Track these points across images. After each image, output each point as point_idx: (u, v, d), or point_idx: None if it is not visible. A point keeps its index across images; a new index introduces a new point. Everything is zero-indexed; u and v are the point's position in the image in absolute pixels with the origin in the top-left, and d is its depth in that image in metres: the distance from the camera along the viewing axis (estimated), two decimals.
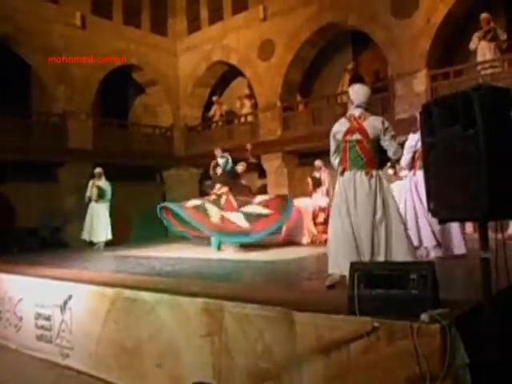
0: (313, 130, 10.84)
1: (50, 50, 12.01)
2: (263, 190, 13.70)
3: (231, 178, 8.58)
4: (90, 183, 10.38)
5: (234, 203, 7.99)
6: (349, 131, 3.99)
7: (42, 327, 5.36)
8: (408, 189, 5.61)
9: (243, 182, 9.14)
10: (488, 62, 9.42)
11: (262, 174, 13.55)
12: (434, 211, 2.55)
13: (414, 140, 5.53)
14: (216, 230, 7.51)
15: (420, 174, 5.50)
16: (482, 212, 2.26)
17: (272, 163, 12.89)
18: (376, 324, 2.89)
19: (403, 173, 6.48)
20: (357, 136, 3.96)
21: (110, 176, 10.55)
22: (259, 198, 8.28)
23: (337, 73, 12.89)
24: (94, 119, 13.00)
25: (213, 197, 8.25)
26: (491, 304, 2.52)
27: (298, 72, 12.87)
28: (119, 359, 4.41)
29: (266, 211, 7.79)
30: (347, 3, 11.29)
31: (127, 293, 4.37)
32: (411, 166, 5.66)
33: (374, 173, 3.95)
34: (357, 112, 4.06)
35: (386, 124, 4.03)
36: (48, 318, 5.26)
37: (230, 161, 8.75)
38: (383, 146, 4.03)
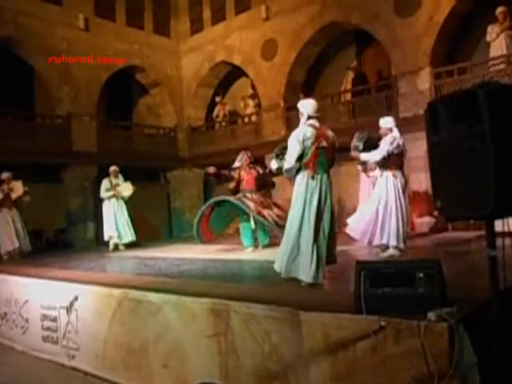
0: None
1: (53, 52, 12.04)
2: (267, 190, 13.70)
3: None
4: (106, 181, 9.84)
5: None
6: (317, 139, 4.31)
7: (48, 328, 5.38)
8: (391, 189, 5.86)
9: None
10: (501, 57, 9.31)
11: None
12: (440, 209, 2.54)
13: (389, 141, 5.83)
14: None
15: (399, 175, 5.93)
16: (488, 210, 2.25)
17: None
18: (383, 323, 2.88)
19: (374, 172, 6.81)
20: (324, 143, 4.36)
21: None
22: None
23: (340, 72, 12.86)
24: (97, 121, 13.03)
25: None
26: (499, 302, 2.51)
27: (302, 71, 12.84)
28: (126, 360, 4.42)
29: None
30: (350, 2, 11.26)
31: (133, 294, 4.38)
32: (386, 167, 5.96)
33: (330, 177, 4.46)
34: (316, 123, 4.44)
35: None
36: (54, 320, 5.28)
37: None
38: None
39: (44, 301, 5.47)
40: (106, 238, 9.78)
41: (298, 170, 4.38)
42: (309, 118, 4.45)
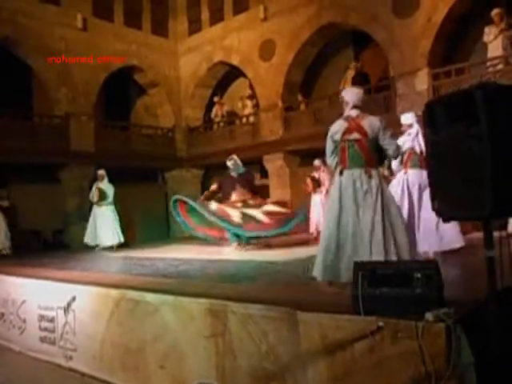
0: (314, 130, 10.81)
1: (51, 52, 12.03)
2: (265, 191, 13.71)
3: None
4: (94, 186, 10.30)
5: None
6: (347, 131, 4.04)
7: (46, 329, 5.36)
8: (401, 189, 5.66)
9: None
10: (498, 58, 9.37)
11: (264, 174, 13.55)
12: (438, 210, 2.54)
13: (401, 142, 5.61)
14: (276, 227, 7.59)
15: (411, 172, 5.64)
16: (486, 211, 2.25)
17: (274, 163, 12.89)
18: (380, 323, 2.88)
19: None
20: (355, 135, 4.01)
21: (112, 177, 10.55)
22: (266, 208, 8.10)
23: (338, 72, 12.86)
24: (95, 121, 13.02)
25: (238, 203, 8.08)
26: (496, 302, 2.51)
27: (299, 72, 12.86)
28: (123, 361, 4.41)
29: (284, 210, 7.96)
30: (347, 3, 11.28)
31: (131, 294, 4.37)
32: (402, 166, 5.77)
33: (374, 172, 4.01)
34: (354, 113, 4.12)
35: (384, 123, 4.09)
36: (51, 320, 5.27)
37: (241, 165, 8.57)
38: (382, 145, 4.08)
39: (41, 301, 5.46)
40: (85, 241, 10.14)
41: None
42: (354, 107, 4.13)
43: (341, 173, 4.06)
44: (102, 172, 10.38)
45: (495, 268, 2.46)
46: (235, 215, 7.58)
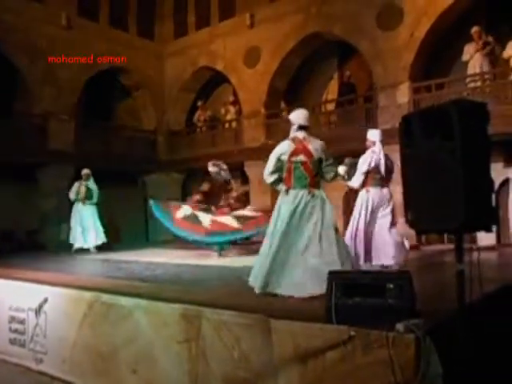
0: None
1: (34, 50, 11.87)
2: (246, 197, 13.71)
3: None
4: (77, 184, 10.19)
5: (226, 210, 8.04)
6: (294, 152, 4.26)
7: (16, 331, 5.26)
8: (363, 205, 5.76)
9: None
10: (477, 75, 9.63)
11: (245, 180, 13.56)
12: (411, 222, 2.58)
13: (366, 161, 5.73)
14: (208, 234, 7.53)
15: (373, 191, 5.76)
16: (457, 224, 2.29)
17: (255, 170, 12.88)
18: (352, 333, 2.90)
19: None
20: (302, 157, 4.23)
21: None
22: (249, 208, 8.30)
23: (322, 82, 12.99)
24: (76, 121, 12.86)
25: (204, 206, 8.12)
26: (465, 314, 2.56)
27: (284, 80, 12.93)
28: (94, 365, 4.36)
29: (255, 214, 7.98)
30: (333, 13, 11.40)
31: (105, 297, 4.32)
32: (363, 184, 5.84)
33: (317, 192, 4.25)
34: (300, 135, 4.33)
35: (326, 148, 4.37)
36: (22, 322, 5.17)
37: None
38: (323, 168, 4.34)
39: (13, 302, 5.35)
40: (71, 241, 10.01)
41: (280, 181, 4.39)
42: (300, 128, 4.35)
43: (286, 192, 4.26)
44: (87, 171, 10.27)
45: (465, 280, 2.51)
46: (229, 221, 7.67)
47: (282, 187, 4.35)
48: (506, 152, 9.85)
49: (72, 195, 10.12)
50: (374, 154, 5.77)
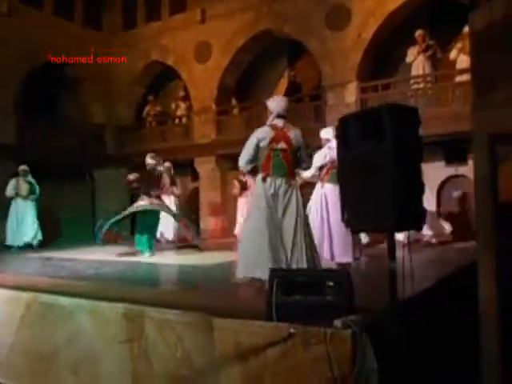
0: (246, 135, 10.72)
1: None
2: (196, 193, 13.63)
3: None
4: (14, 180, 9.83)
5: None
6: (274, 139, 4.13)
7: None
8: (317, 201, 5.85)
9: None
10: (420, 77, 10.00)
11: (195, 177, 13.47)
12: (347, 222, 2.66)
13: (322, 154, 5.81)
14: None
15: (328, 186, 5.82)
16: (389, 223, 2.38)
17: (205, 166, 12.84)
18: (292, 330, 2.95)
19: None
20: (282, 145, 4.13)
21: (36, 174, 10.08)
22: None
23: (273, 79, 13.07)
24: (18, 114, 12.32)
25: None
26: (397, 313, 2.66)
27: (234, 76, 12.92)
28: (32, 366, 4.23)
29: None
30: (284, 12, 11.49)
31: (44, 297, 4.20)
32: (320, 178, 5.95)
33: (293, 182, 4.19)
34: (280, 122, 4.23)
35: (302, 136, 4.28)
36: None
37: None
38: (300, 158, 4.26)
39: None
40: (7, 242, 9.65)
41: (257, 169, 4.27)
42: (278, 116, 4.25)
43: (264, 179, 4.13)
44: (25, 167, 9.95)
45: (396, 278, 2.61)
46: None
47: (258, 175, 4.21)
48: (446, 151, 10.29)
49: (9, 192, 9.76)
50: (330, 150, 5.80)
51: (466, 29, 8.24)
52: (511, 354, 2.49)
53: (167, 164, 9.55)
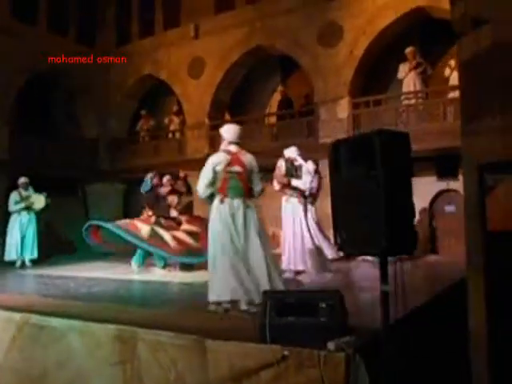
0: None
1: None
2: (190, 207, 13.61)
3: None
4: (15, 194, 9.53)
5: (172, 223, 7.87)
6: (230, 163, 4.37)
7: None
8: (288, 214, 6.22)
9: (174, 213, 8.70)
10: (411, 93, 10.16)
11: (189, 191, 13.47)
12: (340, 246, 2.68)
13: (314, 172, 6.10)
14: (181, 253, 7.28)
15: (292, 200, 6.30)
16: (380, 249, 2.40)
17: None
18: (286, 352, 2.95)
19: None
20: (237, 168, 4.39)
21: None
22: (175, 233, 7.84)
23: (266, 94, 13.16)
24: (11, 129, 12.29)
25: (152, 218, 7.82)
26: (389, 334, 2.67)
27: (228, 92, 13.01)
28: None
29: (198, 229, 7.71)
30: (276, 28, 11.62)
31: (35, 318, 4.15)
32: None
33: (250, 202, 4.43)
34: (233, 148, 4.47)
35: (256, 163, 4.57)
36: None
37: (148, 182, 8.43)
38: (252, 182, 4.50)
39: None
40: (6, 258, 9.37)
41: (213, 195, 4.42)
42: (229, 143, 4.49)
43: (221, 201, 4.32)
44: (26, 180, 9.66)
45: (389, 300, 2.62)
46: (186, 238, 7.49)
47: (216, 199, 4.38)
48: (438, 166, 10.37)
49: (14, 207, 9.44)
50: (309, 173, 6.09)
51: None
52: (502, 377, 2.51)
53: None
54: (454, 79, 9.44)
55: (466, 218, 2.48)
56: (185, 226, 7.84)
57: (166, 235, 7.33)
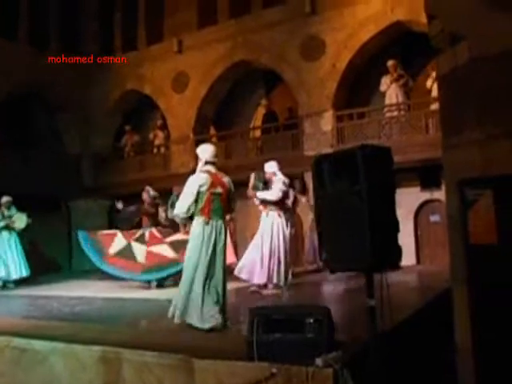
0: (225, 164, 10.91)
1: None
2: (176, 222, 13.50)
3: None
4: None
5: (159, 235, 7.79)
6: (213, 184, 4.38)
7: None
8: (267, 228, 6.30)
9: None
10: (393, 106, 10.30)
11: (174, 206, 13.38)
12: (325, 262, 2.66)
13: (279, 189, 6.32)
14: (143, 270, 7.27)
15: (272, 214, 6.38)
16: (365, 264, 2.39)
17: None
18: (274, 370, 2.92)
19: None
20: (219, 189, 4.42)
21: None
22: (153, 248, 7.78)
23: (251, 108, 13.20)
24: None
25: (139, 232, 7.84)
26: (376, 348, 2.66)
27: (212, 106, 13.02)
28: None
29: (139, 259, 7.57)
30: (259, 42, 11.71)
31: (17, 341, 4.05)
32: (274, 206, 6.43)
33: (224, 224, 4.49)
34: (212, 169, 4.50)
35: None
36: None
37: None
38: (230, 200, 4.61)
39: None
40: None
41: (193, 215, 4.40)
42: (206, 163, 4.49)
43: (207, 223, 4.32)
44: (9, 198, 9.53)
45: (376, 315, 2.61)
46: (164, 250, 7.44)
47: (198, 219, 4.35)
48: (421, 177, 10.47)
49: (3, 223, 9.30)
50: (284, 181, 6.34)
51: None
52: None
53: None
54: (436, 90, 9.57)
55: (448, 231, 2.49)
56: (177, 236, 7.72)
57: (141, 252, 7.30)
